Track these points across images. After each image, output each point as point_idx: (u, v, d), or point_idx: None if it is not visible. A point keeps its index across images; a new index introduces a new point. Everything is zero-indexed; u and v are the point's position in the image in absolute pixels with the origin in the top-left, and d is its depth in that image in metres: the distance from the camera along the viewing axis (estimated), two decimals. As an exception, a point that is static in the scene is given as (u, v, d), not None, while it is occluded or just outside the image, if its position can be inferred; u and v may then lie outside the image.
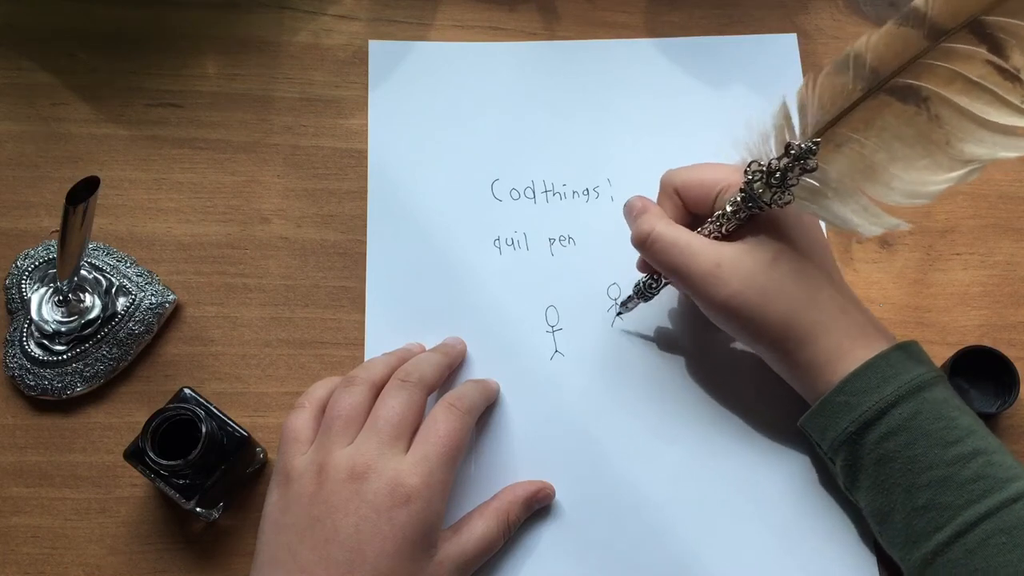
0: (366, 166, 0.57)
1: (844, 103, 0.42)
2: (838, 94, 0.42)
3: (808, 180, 0.43)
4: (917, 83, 0.41)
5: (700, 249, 0.46)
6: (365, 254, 0.55)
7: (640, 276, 0.51)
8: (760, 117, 0.45)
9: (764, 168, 0.43)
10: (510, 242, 0.55)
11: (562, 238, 0.55)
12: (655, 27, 0.60)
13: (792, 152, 0.42)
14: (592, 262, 0.55)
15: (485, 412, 0.51)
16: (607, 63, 0.59)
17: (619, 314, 0.53)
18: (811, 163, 0.42)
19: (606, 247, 0.55)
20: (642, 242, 0.47)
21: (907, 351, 0.45)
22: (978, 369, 0.50)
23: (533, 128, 0.58)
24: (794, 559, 0.49)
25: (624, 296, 0.52)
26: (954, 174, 0.42)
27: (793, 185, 0.43)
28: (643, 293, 0.51)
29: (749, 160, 0.45)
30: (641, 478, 0.50)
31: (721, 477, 0.50)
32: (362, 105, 0.58)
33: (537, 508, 0.49)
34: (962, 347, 0.51)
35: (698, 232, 0.47)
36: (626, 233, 0.55)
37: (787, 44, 0.60)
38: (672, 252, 0.46)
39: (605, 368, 0.52)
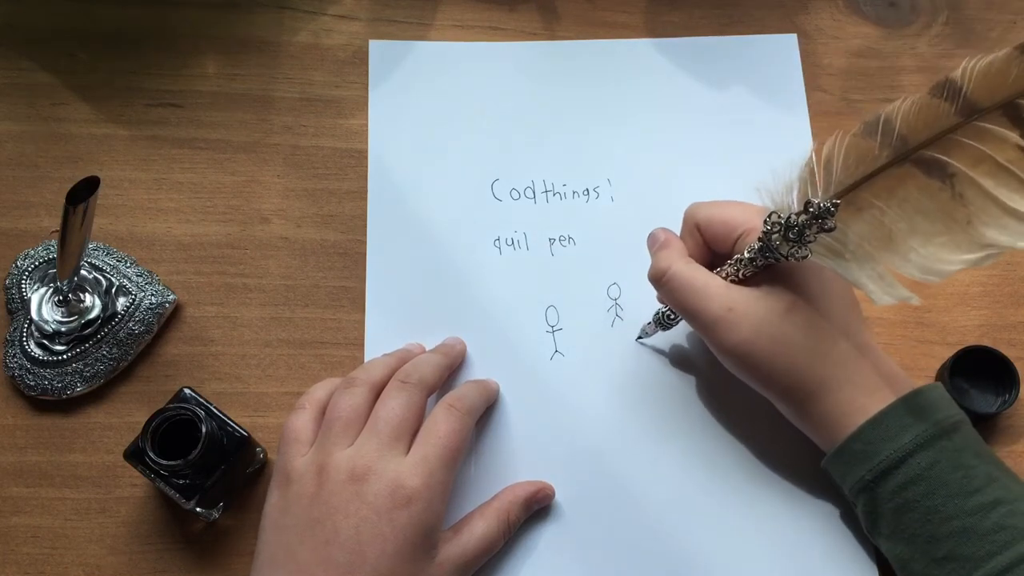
0: (366, 166, 0.57)
1: (869, 167, 0.41)
2: (864, 157, 0.41)
3: (827, 239, 0.42)
4: (944, 158, 0.40)
5: (715, 292, 0.45)
6: (365, 254, 0.55)
7: (660, 306, 0.51)
8: (787, 165, 0.43)
9: (783, 221, 0.42)
10: (510, 242, 0.55)
11: (562, 238, 0.55)
12: (655, 27, 0.60)
13: (811, 210, 0.41)
14: (592, 262, 0.55)
15: (485, 412, 0.51)
16: (607, 63, 0.59)
17: (639, 339, 0.53)
18: (829, 223, 0.41)
19: (606, 247, 0.55)
20: (658, 279, 0.47)
21: (926, 398, 0.44)
22: (978, 369, 0.50)
23: (533, 128, 0.58)
24: (793, 560, 0.49)
25: (644, 323, 0.52)
26: (970, 256, 0.40)
27: (810, 242, 0.42)
28: (662, 323, 0.51)
29: (771, 209, 0.44)
30: (641, 478, 0.50)
31: (720, 476, 0.50)
32: (362, 105, 0.58)
33: (537, 508, 0.49)
34: (962, 347, 0.51)
35: (715, 273, 0.46)
36: (626, 233, 0.55)
37: (787, 44, 0.60)
38: (686, 292, 0.46)
39: (605, 368, 0.52)
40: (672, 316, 0.50)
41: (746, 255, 0.45)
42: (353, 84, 0.59)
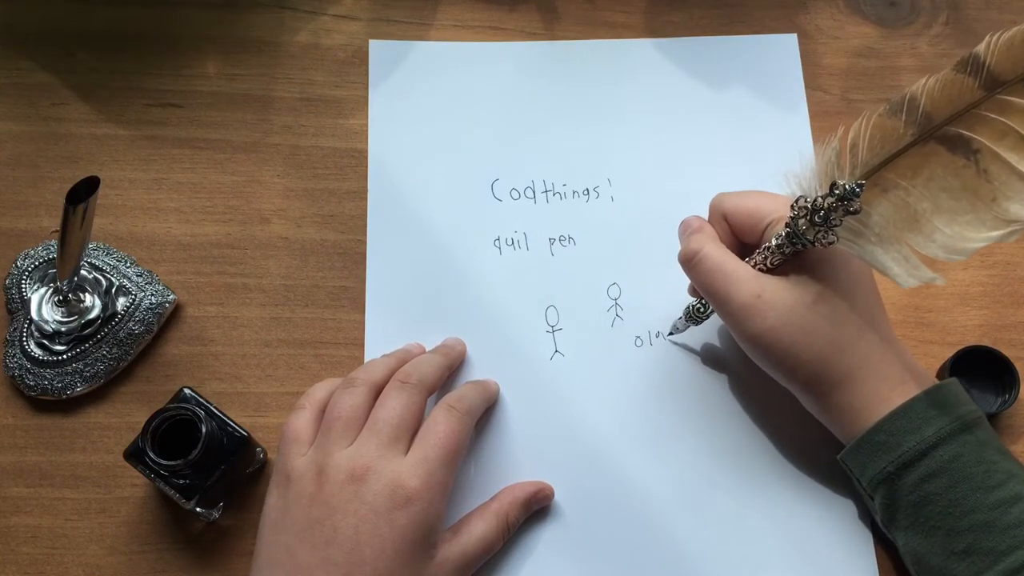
0: (366, 166, 0.57)
1: (894, 147, 0.41)
2: (888, 136, 0.41)
3: (852, 222, 0.42)
4: (969, 134, 0.39)
5: (743, 278, 0.45)
6: (365, 254, 0.55)
7: (691, 300, 0.51)
8: (814, 150, 0.43)
9: (809, 205, 0.42)
10: (510, 242, 0.55)
11: (562, 238, 0.55)
12: (655, 27, 0.60)
13: (836, 192, 0.41)
14: (592, 262, 0.55)
15: (485, 412, 0.50)
16: (607, 63, 0.59)
17: (670, 334, 0.53)
18: (854, 205, 0.41)
19: (606, 247, 0.55)
20: (688, 260, 0.47)
21: (948, 392, 0.44)
22: (978, 369, 0.50)
23: (533, 128, 0.58)
24: (794, 558, 0.49)
25: (675, 318, 0.52)
26: (995, 233, 0.40)
27: (837, 225, 0.42)
28: (692, 317, 0.51)
29: (798, 195, 0.43)
30: (640, 478, 0.50)
31: (721, 476, 0.50)
32: (362, 105, 0.58)
33: (536, 509, 0.49)
34: (962, 347, 0.51)
35: (746, 261, 0.46)
36: (626, 233, 0.55)
37: (787, 44, 0.60)
38: (715, 275, 0.46)
39: (605, 368, 0.52)
40: (702, 310, 0.50)
41: (774, 243, 0.45)
42: (353, 84, 0.59)
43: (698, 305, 0.50)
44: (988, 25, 0.61)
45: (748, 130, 0.58)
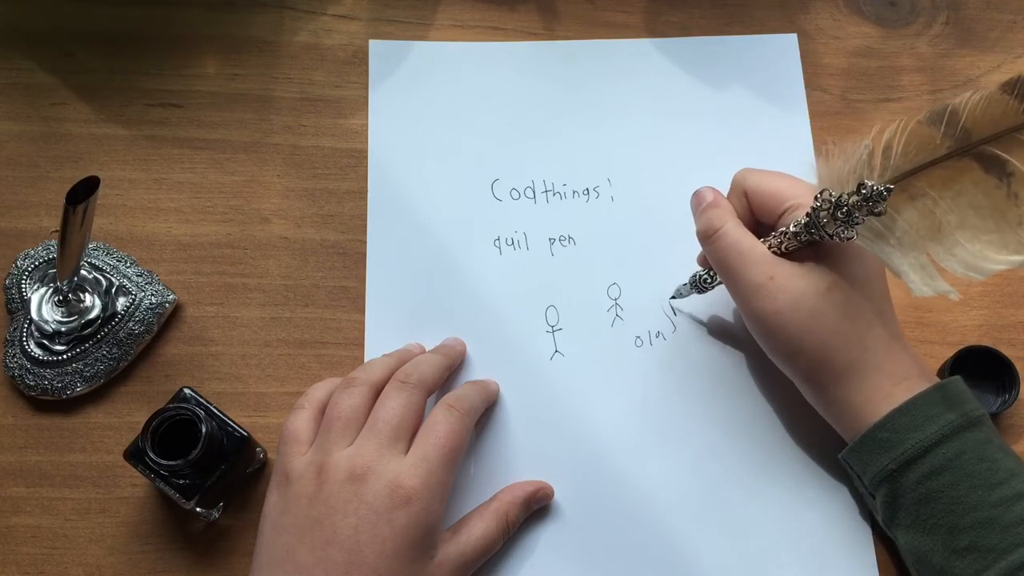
0: (366, 166, 0.57)
1: (928, 156, 0.41)
2: (924, 145, 0.41)
3: (874, 222, 0.42)
4: (1005, 156, 0.40)
5: (759, 258, 0.45)
6: (365, 254, 0.55)
7: (697, 268, 0.52)
8: (846, 144, 0.43)
9: (833, 200, 0.42)
10: (510, 242, 0.55)
11: (562, 238, 0.55)
12: (655, 27, 0.60)
13: (863, 192, 0.41)
14: (592, 262, 0.55)
15: (485, 412, 0.51)
16: (607, 63, 0.59)
17: (672, 298, 0.53)
18: (879, 207, 0.41)
19: (606, 247, 0.55)
20: (708, 235, 0.47)
21: (951, 390, 0.44)
22: (978, 369, 0.50)
23: (533, 128, 0.58)
24: (793, 556, 0.49)
25: (680, 283, 0.53)
26: (1015, 257, 0.40)
27: (858, 223, 0.42)
28: (697, 285, 0.51)
29: (823, 187, 0.43)
30: (640, 477, 0.50)
31: (719, 475, 0.50)
32: (362, 105, 0.58)
33: (536, 508, 0.49)
34: (962, 347, 0.51)
35: (761, 242, 0.47)
36: (626, 233, 0.55)
37: (787, 44, 0.60)
38: (732, 253, 0.46)
39: (605, 368, 0.52)
40: (708, 280, 0.51)
41: (791, 229, 0.45)
42: (353, 84, 0.59)
43: (704, 275, 0.51)
44: (988, 25, 0.61)
45: (748, 130, 0.58)
